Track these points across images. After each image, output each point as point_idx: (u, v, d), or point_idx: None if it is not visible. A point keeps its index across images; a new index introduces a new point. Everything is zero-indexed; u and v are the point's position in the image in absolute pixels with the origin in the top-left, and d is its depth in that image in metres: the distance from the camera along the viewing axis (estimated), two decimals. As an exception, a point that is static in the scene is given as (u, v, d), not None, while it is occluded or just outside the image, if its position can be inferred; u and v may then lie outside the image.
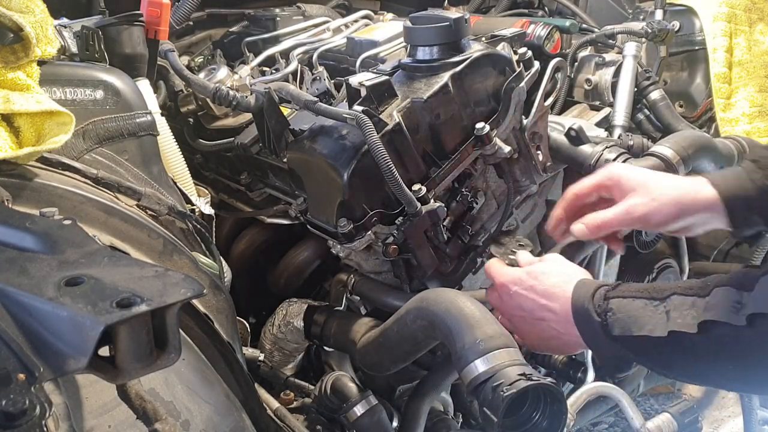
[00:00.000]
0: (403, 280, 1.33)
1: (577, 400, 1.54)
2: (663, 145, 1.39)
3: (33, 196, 0.91)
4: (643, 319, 0.90)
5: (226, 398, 0.97)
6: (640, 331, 0.90)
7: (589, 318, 0.95)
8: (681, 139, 1.41)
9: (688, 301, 0.87)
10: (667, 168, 1.35)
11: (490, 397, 0.94)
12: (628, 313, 0.92)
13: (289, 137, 1.33)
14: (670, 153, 1.36)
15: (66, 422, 0.75)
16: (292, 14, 1.91)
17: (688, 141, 1.40)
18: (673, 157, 1.36)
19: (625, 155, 1.38)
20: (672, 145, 1.38)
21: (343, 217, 1.21)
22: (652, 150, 1.39)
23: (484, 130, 1.26)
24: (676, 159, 1.36)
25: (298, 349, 1.49)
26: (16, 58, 0.98)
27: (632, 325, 0.91)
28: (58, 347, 0.57)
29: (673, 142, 1.39)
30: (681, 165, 1.37)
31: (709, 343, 0.86)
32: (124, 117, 1.11)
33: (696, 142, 1.41)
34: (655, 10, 1.82)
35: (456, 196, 1.31)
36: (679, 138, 1.42)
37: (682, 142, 1.40)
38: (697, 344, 0.86)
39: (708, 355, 0.87)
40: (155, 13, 1.29)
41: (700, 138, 1.44)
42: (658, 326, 0.88)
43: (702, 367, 0.90)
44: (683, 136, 1.44)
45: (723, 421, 2.05)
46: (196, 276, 1.04)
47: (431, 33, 1.26)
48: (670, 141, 1.41)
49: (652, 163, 1.34)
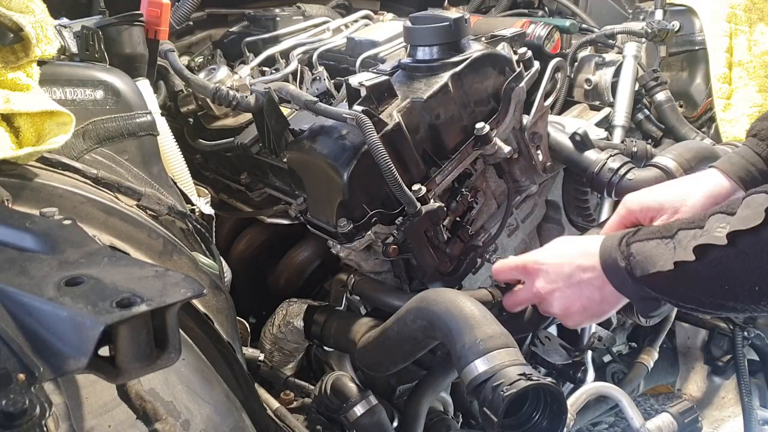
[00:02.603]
0: (403, 280, 1.33)
1: (577, 400, 1.54)
2: (666, 156, 1.38)
3: (33, 196, 0.91)
4: (655, 257, 0.95)
5: (226, 398, 0.97)
6: (654, 269, 0.94)
7: (617, 266, 1.00)
8: (684, 150, 1.40)
9: (691, 233, 0.92)
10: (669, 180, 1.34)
11: (490, 397, 0.94)
12: (645, 254, 0.97)
13: (289, 137, 1.33)
14: (673, 165, 1.36)
15: (66, 422, 0.75)
16: (292, 14, 1.91)
17: (691, 153, 1.39)
18: (676, 169, 1.35)
19: (628, 165, 1.37)
20: (675, 157, 1.37)
21: (343, 217, 1.21)
22: (655, 161, 1.38)
23: (484, 130, 1.26)
24: (679, 171, 1.35)
25: (298, 349, 1.49)
26: (16, 58, 0.98)
27: (648, 265, 0.95)
28: (58, 347, 0.57)
29: (676, 154, 1.38)
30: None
31: (706, 268, 0.90)
32: (124, 117, 1.11)
33: (699, 153, 1.40)
34: (655, 10, 1.82)
35: (456, 196, 1.31)
36: (682, 149, 1.41)
37: (685, 154, 1.38)
38: (697, 271, 0.90)
39: (707, 279, 0.91)
40: (155, 13, 1.29)
41: (703, 149, 1.43)
42: (667, 260, 0.93)
43: (707, 293, 0.93)
44: (687, 147, 1.43)
45: (723, 421, 2.04)
46: (196, 276, 1.04)
47: (431, 33, 1.26)
48: (673, 152, 1.39)
49: (654, 175, 1.34)
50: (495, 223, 1.40)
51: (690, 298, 0.95)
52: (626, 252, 0.99)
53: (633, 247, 0.99)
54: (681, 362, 2.15)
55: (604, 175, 1.36)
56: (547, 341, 1.47)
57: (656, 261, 0.94)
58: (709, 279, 0.90)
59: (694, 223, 0.93)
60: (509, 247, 1.52)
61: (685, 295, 0.95)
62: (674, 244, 0.93)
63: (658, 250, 0.95)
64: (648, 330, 1.94)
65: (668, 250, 0.94)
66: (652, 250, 0.96)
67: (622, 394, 1.58)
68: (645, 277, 0.96)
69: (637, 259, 0.97)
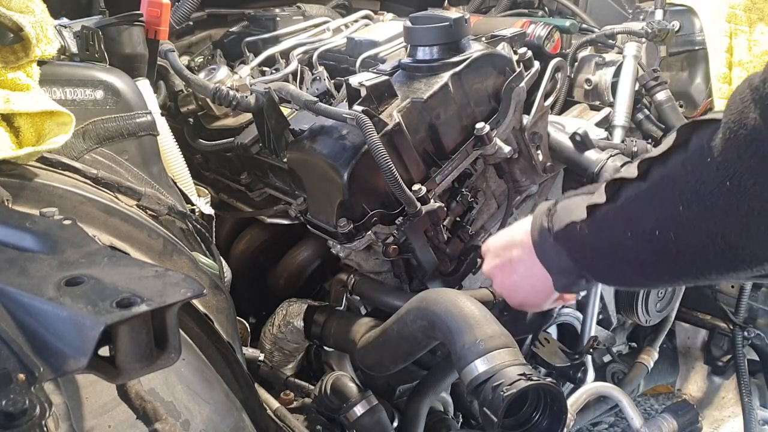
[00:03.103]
0: (403, 280, 1.33)
1: (577, 400, 1.54)
2: None
3: (33, 196, 0.91)
4: (573, 208, 0.88)
5: (226, 398, 0.97)
6: (570, 219, 0.87)
7: (543, 227, 0.93)
8: None
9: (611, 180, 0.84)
10: None
11: (490, 397, 0.94)
12: (565, 208, 0.90)
13: (289, 137, 1.33)
14: None
15: (66, 422, 0.75)
16: (292, 14, 1.91)
17: None
18: None
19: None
20: None
21: (343, 217, 1.21)
22: None
23: (484, 130, 1.26)
24: None
25: (298, 349, 1.49)
26: (16, 58, 0.98)
27: (565, 216, 0.88)
28: (58, 347, 0.57)
29: None
30: None
31: (617, 209, 0.81)
32: (124, 117, 1.11)
33: None
34: (655, 10, 1.82)
35: (456, 196, 1.31)
36: None
37: None
38: (608, 213, 0.82)
39: (619, 221, 0.82)
40: (155, 13, 1.29)
41: None
42: (582, 210, 0.86)
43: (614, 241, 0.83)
44: None
45: (723, 421, 2.04)
46: (196, 276, 1.04)
47: (431, 33, 1.26)
48: None
49: None
50: (495, 223, 1.40)
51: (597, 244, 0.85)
52: (552, 210, 0.93)
53: (558, 206, 0.93)
54: (681, 362, 2.15)
55: (606, 174, 1.36)
56: (547, 343, 1.47)
57: (572, 211, 0.88)
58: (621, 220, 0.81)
59: (618, 172, 0.86)
60: (509, 247, 1.52)
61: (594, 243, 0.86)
62: (593, 194, 0.86)
63: (577, 201, 0.88)
64: (648, 330, 1.94)
65: (585, 200, 0.86)
66: (572, 203, 0.89)
67: (622, 394, 1.58)
68: (561, 232, 0.89)
69: (557, 215, 0.91)
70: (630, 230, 0.80)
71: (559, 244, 0.90)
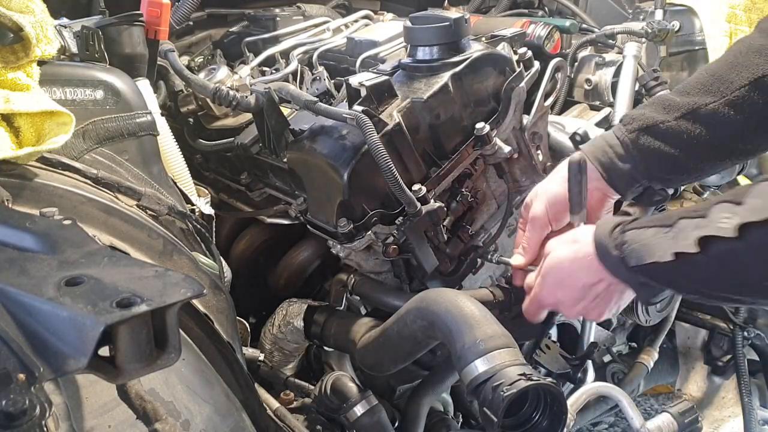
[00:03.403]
0: (403, 280, 1.33)
1: (577, 400, 1.54)
2: None
3: (33, 196, 0.91)
4: (653, 247, 0.91)
5: (226, 398, 0.97)
6: (651, 258, 0.90)
7: (609, 253, 0.97)
8: None
9: (693, 223, 0.87)
10: None
11: (490, 397, 0.94)
12: (641, 243, 0.93)
13: (289, 137, 1.33)
14: None
15: (66, 422, 0.75)
16: (292, 14, 1.91)
17: None
18: None
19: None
20: None
21: (343, 217, 1.21)
22: None
23: (484, 130, 1.26)
24: None
25: (298, 349, 1.49)
26: (16, 58, 0.98)
27: (644, 254, 0.91)
28: (58, 347, 0.57)
29: None
30: None
31: (711, 261, 0.85)
32: (124, 117, 1.11)
33: None
34: (655, 10, 1.82)
35: (456, 196, 1.31)
36: None
37: None
38: (700, 263, 0.86)
39: (711, 272, 0.87)
40: (155, 13, 1.29)
41: None
42: (666, 250, 0.88)
43: (711, 286, 0.90)
44: None
45: (723, 421, 2.04)
46: (196, 276, 1.04)
47: (431, 33, 1.26)
48: None
49: None
50: (495, 223, 1.40)
51: (692, 289, 0.92)
52: (620, 240, 0.96)
53: (628, 235, 0.95)
54: (681, 362, 2.15)
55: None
56: (548, 350, 1.47)
57: (654, 250, 0.90)
58: (714, 272, 0.87)
59: (696, 212, 0.88)
60: (509, 247, 1.52)
61: (686, 286, 0.92)
62: (674, 233, 0.89)
63: (656, 239, 0.91)
64: (648, 330, 1.94)
65: (667, 240, 0.89)
66: (649, 238, 0.92)
67: (622, 394, 1.58)
68: (640, 267, 0.93)
69: (632, 248, 0.94)
70: (734, 278, 0.86)
71: (640, 275, 0.95)
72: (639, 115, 1.16)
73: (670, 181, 1.20)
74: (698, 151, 1.12)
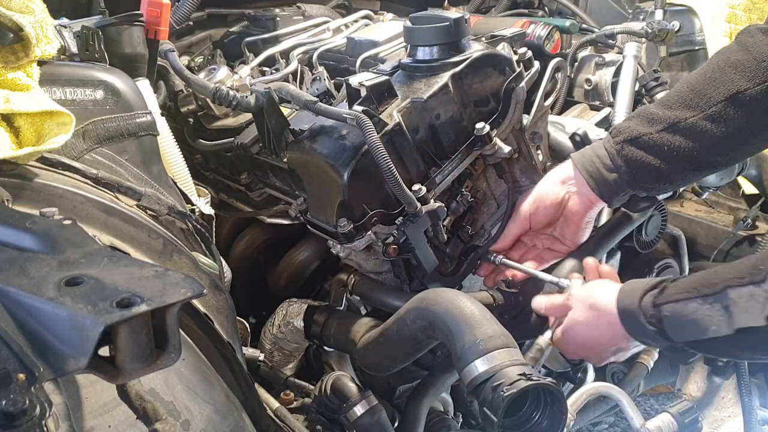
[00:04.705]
0: (403, 280, 1.33)
1: (577, 400, 1.53)
2: None
3: (33, 196, 0.91)
4: (704, 322, 0.88)
5: (226, 398, 0.97)
6: (705, 335, 0.88)
7: (642, 326, 0.96)
8: None
9: (745, 292, 0.85)
10: None
11: (490, 397, 0.94)
12: (686, 318, 0.90)
13: (289, 137, 1.33)
14: None
15: (66, 422, 0.75)
16: (292, 14, 1.91)
17: None
18: None
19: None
20: None
21: (343, 217, 1.21)
22: None
23: (484, 130, 1.26)
24: None
25: (298, 349, 1.49)
26: (16, 58, 0.98)
27: (696, 331, 0.89)
28: (58, 347, 0.57)
29: None
30: None
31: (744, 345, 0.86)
32: (124, 117, 1.11)
33: None
34: (655, 10, 1.82)
35: (456, 196, 1.31)
36: None
37: None
38: (764, 333, 0.84)
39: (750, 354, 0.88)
40: (155, 13, 1.29)
41: None
42: (721, 325, 0.86)
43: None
44: None
45: (723, 421, 2.05)
46: (196, 276, 1.04)
47: (431, 33, 1.26)
48: None
49: None
50: (495, 223, 1.40)
51: (747, 357, 0.94)
52: (656, 314, 0.94)
53: (666, 310, 0.92)
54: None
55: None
56: None
57: (706, 327, 0.87)
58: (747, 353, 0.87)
59: (743, 279, 0.86)
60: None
61: (740, 355, 0.94)
62: (726, 305, 0.86)
63: (703, 312, 0.88)
64: (648, 330, 1.94)
65: (717, 313, 0.86)
66: (695, 314, 0.89)
67: (622, 394, 1.58)
68: (693, 343, 0.91)
69: (675, 324, 0.91)
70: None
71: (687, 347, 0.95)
72: (625, 128, 1.22)
73: (654, 189, 1.26)
74: (679, 162, 1.17)
